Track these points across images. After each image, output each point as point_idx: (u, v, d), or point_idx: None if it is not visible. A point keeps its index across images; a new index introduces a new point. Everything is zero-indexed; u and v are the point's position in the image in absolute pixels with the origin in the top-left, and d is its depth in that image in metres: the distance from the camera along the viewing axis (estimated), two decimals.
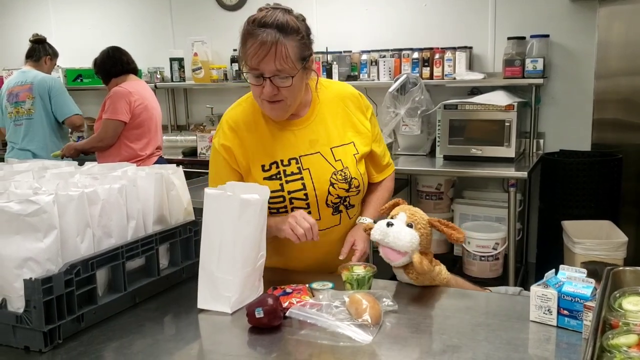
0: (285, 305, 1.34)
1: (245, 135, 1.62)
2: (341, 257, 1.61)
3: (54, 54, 4.00)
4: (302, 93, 1.59)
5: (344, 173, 1.63)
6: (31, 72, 3.85)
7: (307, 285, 1.46)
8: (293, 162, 1.61)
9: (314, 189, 1.60)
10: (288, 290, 1.41)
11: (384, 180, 1.83)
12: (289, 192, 1.58)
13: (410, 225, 1.47)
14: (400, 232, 1.45)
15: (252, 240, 1.40)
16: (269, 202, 1.49)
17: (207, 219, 1.38)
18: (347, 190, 1.64)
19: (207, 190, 1.39)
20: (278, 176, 1.59)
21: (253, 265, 1.42)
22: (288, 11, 1.50)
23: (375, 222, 1.55)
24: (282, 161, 1.60)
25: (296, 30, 1.48)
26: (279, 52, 1.44)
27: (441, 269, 1.55)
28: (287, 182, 1.59)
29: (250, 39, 1.46)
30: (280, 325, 1.30)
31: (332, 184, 1.62)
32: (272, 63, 1.45)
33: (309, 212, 1.59)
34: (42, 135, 3.79)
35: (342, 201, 1.65)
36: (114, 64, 3.52)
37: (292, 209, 1.58)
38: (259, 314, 1.27)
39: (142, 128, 3.48)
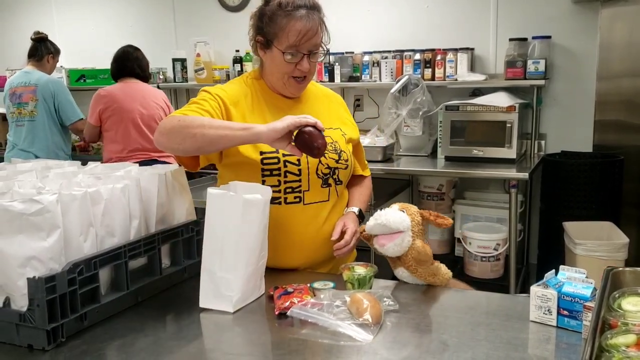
0: (286, 304, 1.35)
1: (241, 102, 1.66)
2: (333, 239, 1.64)
3: (55, 52, 4.00)
4: None
5: (334, 145, 1.71)
6: (35, 73, 3.86)
7: (308, 285, 1.46)
8: None
9: (307, 156, 1.62)
10: (289, 289, 1.42)
11: (366, 180, 1.91)
12: (284, 155, 1.61)
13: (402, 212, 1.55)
14: (391, 212, 1.54)
15: (254, 240, 1.41)
16: (264, 163, 1.60)
17: (210, 218, 1.39)
18: (337, 162, 1.70)
19: (210, 190, 1.40)
20: None
21: (255, 265, 1.43)
22: None
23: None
24: None
25: (321, 8, 1.63)
26: (321, 31, 1.60)
27: (440, 266, 1.57)
28: None
29: (291, 20, 1.56)
30: (281, 325, 1.30)
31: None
32: (315, 41, 1.59)
33: (300, 180, 1.64)
34: (44, 138, 3.81)
35: (331, 173, 1.69)
36: (116, 69, 3.63)
37: (285, 173, 1.62)
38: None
39: (110, 132, 3.53)
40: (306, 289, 1.43)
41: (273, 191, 1.56)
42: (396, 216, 1.52)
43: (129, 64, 3.62)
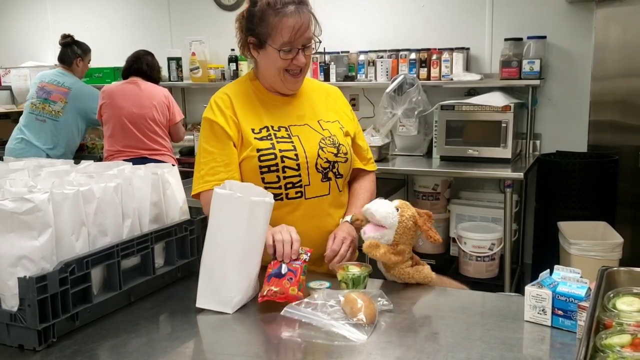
0: (266, 292, 1.35)
1: (234, 104, 1.68)
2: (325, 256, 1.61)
3: (83, 52, 3.98)
4: None
5: (332, 139, 1.72)
6: (70, 77, 3.90)
7: (303, 264, 1.44)
8: (283, 129, 1.68)
9: (304, 151, 1.65)
10: (283, 272, 1.40)
11: (365, 182, 1.87)
12: (280, 151, 1.63)
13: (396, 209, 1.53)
14: (383, 205, 1.52)
15: (259, 242, 1.40)
16: (261, 160, 1.62)
17: (215, 219, 1.37)
18: (336, 155, 1.70)
19: (216, 189, 1.39)
20: (269, 137, 1.66)
21: (257, 267, 1.42)
22: None
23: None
24: (272, 127, 1.68)
25: (308, 1, 1.64)
26: (311, 24, 1.62)
27: (422, 268, 1.56)
28: (277, 142, 1.65)
29: (283, 18, 1.57)
30: (274, 324, 1.30)
31: (321, 148, 1.68)
32: (308, 35, 1.61)
33: (299, 175, 1.64)
34: (65, 140, 3.87)
35: (331, 167, 1.70)
36: (125, 68, 3.75)
37: (284, 169, 1.62)
38: None
39: (106, 126, 3.65)
40: (301, 268, 1.41)
41: (273, 187, 1.61)
42: (385, 211, 1.51)
43: (136, 62, 3.70)
